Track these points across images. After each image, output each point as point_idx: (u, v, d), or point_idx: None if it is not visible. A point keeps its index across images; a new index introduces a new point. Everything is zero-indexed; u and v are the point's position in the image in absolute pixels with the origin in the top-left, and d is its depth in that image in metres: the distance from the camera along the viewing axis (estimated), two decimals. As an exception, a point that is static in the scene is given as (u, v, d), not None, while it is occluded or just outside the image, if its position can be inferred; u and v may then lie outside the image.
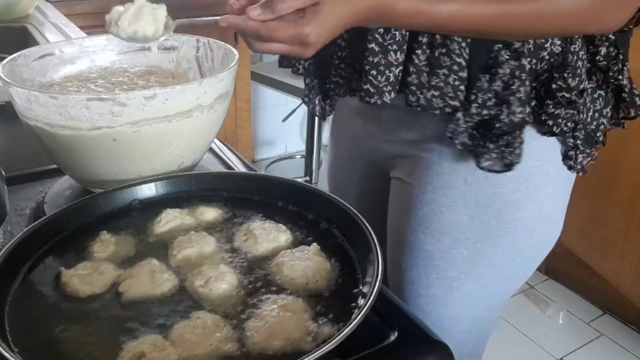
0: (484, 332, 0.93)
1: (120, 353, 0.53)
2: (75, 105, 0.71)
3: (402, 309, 0.63)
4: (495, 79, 0.74)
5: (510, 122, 0.74)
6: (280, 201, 0.76)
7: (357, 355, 0.55)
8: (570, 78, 0.74)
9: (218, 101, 0.80)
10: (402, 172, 0.88)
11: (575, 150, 0.78)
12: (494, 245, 0.81)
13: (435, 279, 0.85)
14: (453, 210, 0.81)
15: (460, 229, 0.82)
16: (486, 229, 0.81)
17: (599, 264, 2.06)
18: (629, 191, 1.89)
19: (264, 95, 3.08)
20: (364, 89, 0.78)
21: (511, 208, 0.80)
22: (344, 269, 0.64)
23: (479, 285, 0.85)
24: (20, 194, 0.88)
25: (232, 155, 1.00)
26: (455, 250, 0.83)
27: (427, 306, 0.87)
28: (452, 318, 0.87)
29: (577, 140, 0.78)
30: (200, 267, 0.64)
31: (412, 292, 0.87)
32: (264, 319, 0.56)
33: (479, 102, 0.75)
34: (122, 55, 0.98)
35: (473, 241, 0.82)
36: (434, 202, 0.82)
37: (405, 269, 0.88)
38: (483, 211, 0.80)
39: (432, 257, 0.84)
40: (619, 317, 2.12)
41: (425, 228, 0.84)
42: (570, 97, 0.74)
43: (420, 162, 0.84)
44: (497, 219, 0.80)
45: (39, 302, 0.61)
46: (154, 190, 0.78)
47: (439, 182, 0.81)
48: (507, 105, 0.74)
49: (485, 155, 0.76)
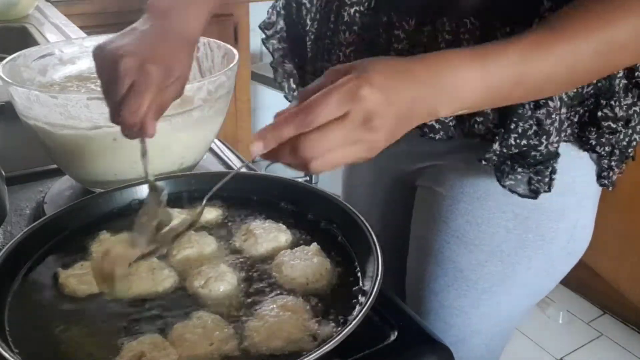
0: (502, 343, 0.90)
1: (120, 353, 0.53)
2: (76, 104, 0.71)
3: (402, 309, 0.63)
4: (541, 105, 0.66)
5: (547, 153, 0.69)
6: (281, 201, 0.76)
7: (357, 355, 0.55)
8: (618, 107, 0.69)
9: (218, 101, 0.80)
10: (430, 181, 0.83)
11: (610, 171, 0.76)
12: (529, 258, 0.78)
13: (465, 291, 0.81)
14: (489, 222, 0.77)
15: (495, 242, 0.78)
16: (523, 241, 0.77)
17: (599, 264, 2.05)
18: (628, 191, 1.89)
19: (264, 95, 3.07)
20: (428, 125, 0.71)
21: (549, 220, 0.77)
22: (344, 269, 0.64)
23: (508, 298, 0.82)
24: (20, 194, 0.88)
25: (232, 155, 1.00)
26: (488, 262, 0.79)
27: (450, 318, 0.83)
28: (474, 331, 0.84)
29: (612, 162, 0.75)
30: (200, 267, 0.64)
31: (435, 303, 0.84)
32: (264, 319, 0.56)
33: (518, 132, 0.68)
34: (122, 55, 0.98)
35: (507, 254, 0.78)
36: (469, 214, 0.78)
37: (431, 281, 0.84)
38: (521, 223, 0.77)
39: (463, 269, 0.80)
40: (619, 317, 2.12)
41: (457, 239, 0.80)
42: (615, 127, 0.70)
43: (453, 171, 0.79)
44: (535, 232, 0.77)
45: (39, 302, 0.61)
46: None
47: (475, 192, 0.77)
48: (547, 136, 0.68)
49: (510, 175, 0.71)
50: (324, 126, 0.49)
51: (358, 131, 0.50)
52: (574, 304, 2.20)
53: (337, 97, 0.49)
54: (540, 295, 0.87)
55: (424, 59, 0.55)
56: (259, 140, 0.51)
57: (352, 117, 0.49)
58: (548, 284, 0.85)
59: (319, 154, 0.49)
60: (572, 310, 2.16)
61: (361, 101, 0.49)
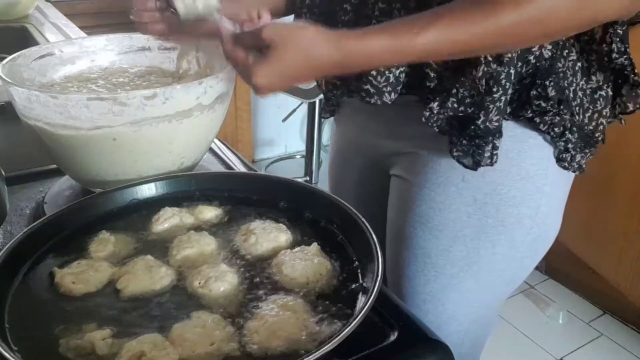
0: (482, 332, 0.92)
1: (120, 352, 0.53)
2: (76, 104, 0.71)
3: (402, 309, 0.63)
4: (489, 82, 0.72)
5: (485, 128, 0.73)
6: (281, 201, 0.76)
7: (357, 355, 0.55)
8: (551, 87, 0.73)
9: (218, 101, 0.80)
10: (401, 170, 0.88)
11: (567, 153, 0.78)
12: (492, 242, 0.81)
13: (434, 276, 0.85)
14: (451, 208, 0.81)
15: (458, 227, 0.82)
16: (484, 227, 0.81)
17: (599, 264, 2.05)
18: (628, 191, 1.89)
19: (264, 95, 3.07)
20: (364, 89, 0.78)
21: (509, 205, 0.80)
22: (344, 269, 0.64)
23: (477, 283, 0.85)
24: (20, 194, 0.88)
25: (232, 155, 1.00)
26: (453, 247, 0.83)
27: (424, 304, 0.87)
28: (449, 317, 0.87)
29: (568, 143, 0.77)
30: (200, 267, 0.64)
31: (410, 289, 0.88)
32: (264, 319, 0.56)
33: (458, 97, 0.74)
34: (122, 55, 0.98)
35: (470, 239, 0.82)
36: (432, 200, 0.82)
37: (404, 266, 0.88)
38: (481, 208, 0.80)
39: (430, 254, 0.84)
40: (619, 317, 2.12)
41: (423, 225, 0.84)
42: (545, 107, 0.73)
43: (419, 159, 0.84)
44: (495, 217, 0.80)
45: (39, 301, 0.61)
46: (154, 190, 0.78)
47: (437, 179, 0.82)
48: (485, 112, 0.73)
49: (458, 146, 0.77)
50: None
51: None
52: (574, 304, 2.20)
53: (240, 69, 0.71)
54: (514, 283, 0.89)
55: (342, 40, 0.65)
56: None
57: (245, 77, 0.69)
58: (519, 271, 0.87)
59: None
60: (572, 310, 2.16)
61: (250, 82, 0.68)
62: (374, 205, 0.97)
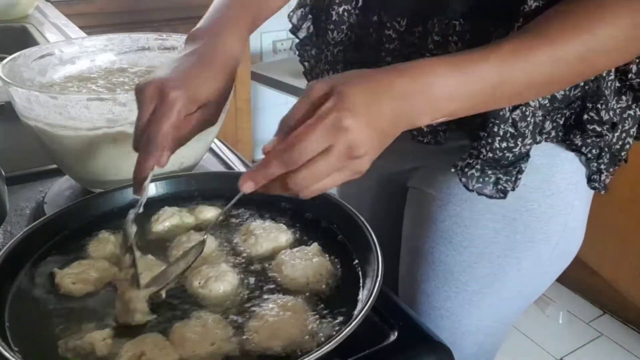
0: (496, 344, 0.91)
1: (120, 352, 0.53)
2: (76, 105, 0.71)
3: (402, 309, 0.63)
4: (517, 107, 0.66)
5: (519, 154, 0.69)
6: (281, 201, 0.76)
7: (357, 355, 0.55)
8: (604, 110, 0.69)
9: (218, 101, 0.79)
10: (420, 182, 0.84)
11: (600, 174, 0.76)
12: (518, 259, 0.79)
13: (454, 292, 0.82)
14: (478, 224, 0.78)
15: (484, 243, 0.78)
16: (511, 243, 0.78)
17: (599, 264, 2.05)
18: (628, 191, 1.89)
19: (264, 95, 3.07)
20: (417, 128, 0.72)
21: (538, 221, 0.77)
22: (344, 269, 0.64)
23: (499, 299, 0.82)
24: (20, 194, 0.88)
25: (232, 155, 1.00)
26: (478, 264, 0.79)
27: (441, 320, 0.84)
28: (466, 332, 0.84)
29: (601, 165, 0.75)
30: (200, 267, 0.63)
31: (427, 304, 0.84)
32: (264, 319, 0.56)
33: (500, 135, 0.68)
34: (122, 55, 0.98)
35: (497, 255, 0.79)
36: (457, 215, 0.78)
37: (422, 282, 0.84)
38: (509, 224, 0.77)
39: (453, 270, 0.81)
40: (619, 317, 2.12)
41: (446, 241, 0.80)
42: (601, 131, 0.70)
43: (441, 172, 0.79)
44: (523, 233, 0.77)
45: (39, 301, 0.61)
46: (154, 190, 0.78)
47: (464, 194, 0.76)
48: (522, 138, 0.68)
49: (479, 178, 0.72)
50: (310, 162, 0.50)
51: (343, 161, 0.51)
52: (574, 304, 2.20)
53: (321, 132, 0.50)
54: (533, 297, 0.87)
55: (402, 70, 0.55)
56: (249, 180, 0.53)
57: (336, 150, 0.50)
58: (539, 285, 0.85)
59: (308, 187, 0.52)
60: (572, 310, 2.16)
61: (344, 134, 0.50)
62: (390, 219, 0.93)
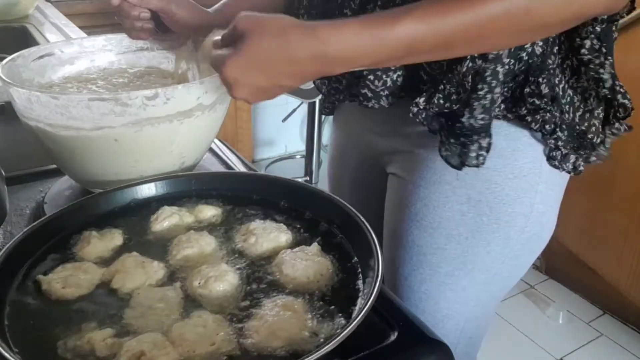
0: (478, 332, 0.92)
1: (119, 352, 0.53)
2: (77, 105, 0.71)
3: (402, 309, 0.64)
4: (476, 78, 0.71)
5: (469, 126, 0.73)
6: (281, 201, 0.76)
7: (357, 355, 0.55)
8: (544, 84, 0.72)
9: (219, 101, 0.80)
10: (398, 168, 0.88)
11: (558, 151, 0.77)
12: (487, 241, 0.81)
13: (429, 275, 0.85)
14: (445, 206, 0.81)
15: (452, 225, 0.82)
16: (478, 225, 0.81)
17: (599, 264, 2.06)
18: (628, 191, 1.89)
19: (263, 95, 3.07)
20: (361, 93, 0.79)
21: (502, 204, 0.79)
22: (344, 269, 0.64)
23: (472, 282, 0.85)
24: (20, 194, 0.88)
25: (232, 155, 1.00)
26: (447, 246, 0.83)
27: (420, 303, 0.87)
28: (445, 315, 0.87)
29: (558, 141, 0.76)
30: (200, 267, 0.63)
31: (407, 287, 0.88)
32: (264, 319, 0.56)
33: (444, 93, 0.73)
34: (122, 55, 0.98)
35: (465, 237, 0.82)
36: (427, 198, 0.82)
37: (400, 265, 0.88)
38: (475, 206, 0.80)
39: (425, 252, 0.84)
40: (619, 317, 2.12)
41: (418, 223, 0.84)
42: (539, 104, 0.73)
43: (415, 157, 0.84)
44: (489, 215, 0.80)
45: (39, 301, 0.61)
46: (154, 190, 0.78)
47: (432, 177, 0.82)
48: (470, 110, 0.72)
49: (446, 145, 0.76)
50: None
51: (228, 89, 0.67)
52: (574, 304, 2.20)
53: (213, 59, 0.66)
54: (509, 283, 0.89)
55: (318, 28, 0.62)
56: None
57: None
58: (514, 271, 0.87)
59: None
60: (572, 310, 2.16)
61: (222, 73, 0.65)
62: (372, 203, 0.97)
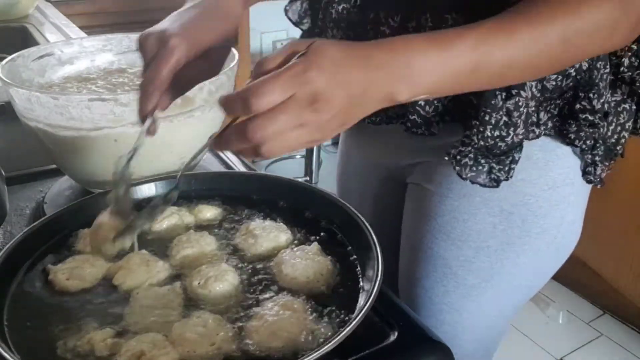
0: (496, 339, 0.91)
1: (119, 351, 0.53)
2: (77, 105, 0.71)
3: (402, 309, 0.63)
4: (512, 96, 0.67)
5: (511, 143, 0.70)
6: (280, 201, 0.76)
7: (357, 355, 0.55)
8: (596, 99, 0.69)
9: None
10: (419, 178, 0.84)
11: (594, 166, 0.76)
12: (516, 253, 0.79)
13: (453, 287, 0.82)
14: (475, 218, 0.78)
15: (482, 237, 0.79)
16: (508, 237, 0.78)
17: (599, 264, 2.05)
18: (628, 191, 1.89)
19: (263, 96, 3.08)
20: (410, 119, 0.73)
21: (535, 216, 0.77)
22: (344, 269, 0.64)
23: (497, 293, 0.83)
24: (20, 194, 0.88)
25: (232, 155, 1.00)
26: (476, 258, 0.80)
27: (441, 314, 0.84)
28: (465, 327, 0.85)
29: (595, 157, 0.75)
30: (200, 267, 0.64)
31: (426, 300, 0.85)
32: (264, 319, 0.56)
33: (492, 123, 0.69)
34: (121, 55, 0.98)
35: (494, 249, 0.79)
36: (456, 210, 0.79)
37: (421, 277, 0.85)
38: (506, 219, 0.77)
39: (451, 265, 0.81)
40: (619, 317, 2.12)
41: (445, 235, 0.81)
42: (593, 120, 0.70)
43: (440, 168, 0.80)
44: (520, 227, 0.78)
45: (39, 301, 0.61)
46: (154, 190, 0.78)
47: (461, 189, 0.77)
48: (515, 128, 0.69)
49: (473, 167, 0.73)
50: (271, 109, 0.48)
51: (304, 113, 0.49)
52: (574, 304, 2.20)
53: (283, 80, 0.48)
54: (531, 292, 0.88)
55: (381, 43, 0.54)
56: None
57: (296, 98, 0.48)
58: (538, 280, 0.86)
59: (267, 138, 0.48)
60: (572, 310, 2.16)
61: (306, 83, 0.48)
62: (391, 216, 0.93)
